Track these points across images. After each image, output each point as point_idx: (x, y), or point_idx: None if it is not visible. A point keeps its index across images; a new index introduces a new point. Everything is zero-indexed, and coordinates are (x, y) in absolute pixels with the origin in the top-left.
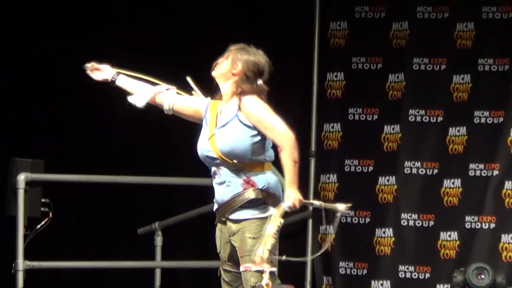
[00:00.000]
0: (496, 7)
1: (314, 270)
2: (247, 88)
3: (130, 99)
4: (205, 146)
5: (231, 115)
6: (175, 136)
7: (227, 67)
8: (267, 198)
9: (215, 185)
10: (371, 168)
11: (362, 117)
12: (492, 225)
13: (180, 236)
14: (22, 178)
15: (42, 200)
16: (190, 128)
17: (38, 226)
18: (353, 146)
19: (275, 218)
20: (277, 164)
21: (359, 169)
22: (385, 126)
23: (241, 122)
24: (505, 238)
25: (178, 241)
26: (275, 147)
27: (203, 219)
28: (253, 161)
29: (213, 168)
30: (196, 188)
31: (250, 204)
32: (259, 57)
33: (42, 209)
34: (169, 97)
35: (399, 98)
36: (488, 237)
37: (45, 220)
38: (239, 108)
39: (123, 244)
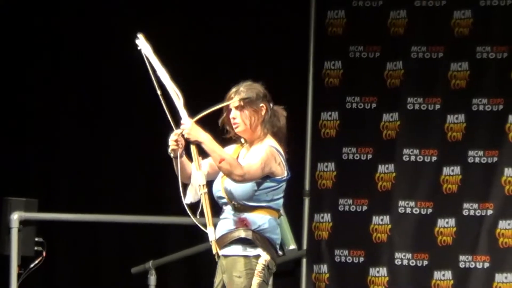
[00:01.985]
0: (490, 47)
1: None
2: (268, 123)
3: (185, 201)
4: (217, 186)
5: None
6: (169, 175)
7: (249, 120)
8: (257, 241)
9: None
10: (365, 208)
11: (357, 156)
12: (486, 265)
13: (174, 275)
14: (15, 217)
15: (36, 239)
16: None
17: (32, 265)
18: (347, 185)
19: (258, 271)
20: (293, 212)
21: (353, 208)
22: (379, 166)
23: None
24: (499, 277)
25: (172, 281)
26: (288, 194)
27: (197, 259)
28: (254, 206)
29: (222, 206)
30: (190, 227)
31: (240, 242)
32: (257, 86)
33: (35, 248)
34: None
35: (393, 138)
36: (482, 276)
37: (39, 259)
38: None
39: (117, 283)
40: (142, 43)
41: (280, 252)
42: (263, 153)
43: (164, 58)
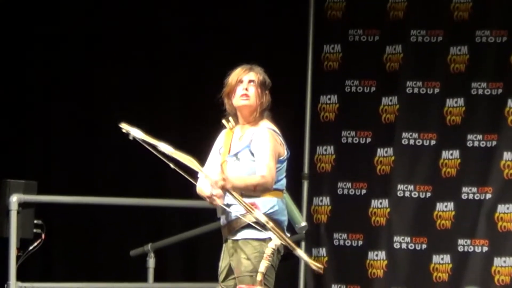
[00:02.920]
0: (489, 31)
1: None
2: (267, 110)
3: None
4: (218, 171)
5: (244, 144)
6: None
7: (260, 99)
8: (270, 223)
9: (223, 206)
10: (364, 191)
11: (356, 140)
12: (485, 249)
13: (172, 258)
14: (14, 199)
15: (35, 221)
16: (185, 150)
17: (31, 248)
18: (346, 169)
19: (267, 254)
20: (292, 195)
21: (352, 191)
22: (378, 149)
23: (251, 153)
24: (497, 261)
25: (170, 263)
26: (287, 176)
27: (196, 241)
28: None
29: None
30: (189, 210)
31: (251, 226)
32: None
33: (34, 230)
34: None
35: (393, 121)
36: (481, 260)
37: (38, 242)
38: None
39: (115, 266)
40: (129, 129)
41: (288, 234)
42: (268, 143)
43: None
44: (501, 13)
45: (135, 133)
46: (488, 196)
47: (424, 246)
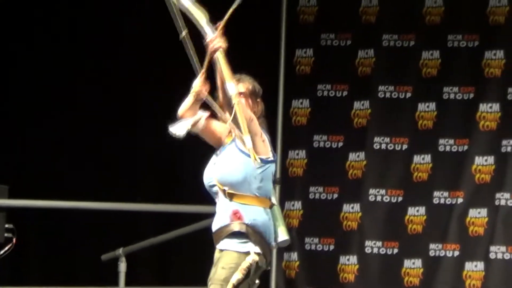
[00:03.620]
0: (461, 36)
1: None
2: (259, 116)
3: (171, 129)
4: (208, 174)
5: (230, 140)
6: (142, 161)
7: (250, 109)
8: (251, 234)
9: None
10: (335, 196)
11: (327, 144)
12: (456, 253)
13: (143, 262)
14: None
15: (6, 225)
16: (158, 153)
17: (2, 252)
18: (318, 173)
19: (241, 268)
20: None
21: (323, 196)
22: (350, 154)
23: (237, 147)
24: (469, 266)
25: (141, 268)
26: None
27: (167, 246)
28: (244, 191)
29: (215, 197)
30: (160, 214)
31: (233, 236)
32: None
33: (5, 234)
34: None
35: (364, 126)
36: (452, 264)
37: (9, 246)
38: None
39: (87, 270)
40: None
41: (273, 244)
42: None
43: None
44: (472, 18)
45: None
46: (460, 200)
47: (395, 250)
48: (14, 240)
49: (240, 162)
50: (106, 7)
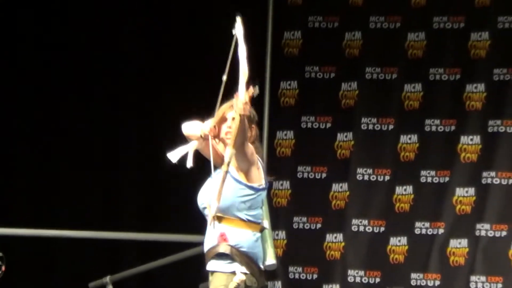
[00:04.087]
0: (443, 69)
1: None
2: (253, 144)
3: (168, 154)
4: (201, 196)
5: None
6: (126, 190)
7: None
8: (236, 256)
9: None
10: (319, 225)
11: (311, 175)
12: (437, 282)
13: None
14: None
15: None
16: (141, 181)
17: None
18: (303, 204)
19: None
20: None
21: (307, 226)
22: (333, 184)
23: (230, 173)
24: None
25: None
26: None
27: (152, 274)
28: (234, 216)
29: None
30: (146, 243)
31: (219, 258)
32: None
33: None
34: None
35: (348, 157)
36: None
37: None
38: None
39: None
40: (239, 26)
41: (262, 266)
42: (248, 149)
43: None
44: (454, 52)
45: (239, 32)
46: (441, 231)
47: (378, 280)
48: (3, 268)
49: (230, 188)
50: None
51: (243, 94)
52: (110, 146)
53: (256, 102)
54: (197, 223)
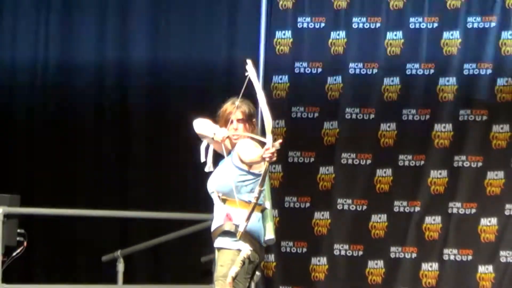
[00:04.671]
0: (419, 64)
1: None
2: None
3: (202, 160)
4: (209, 182)
5: (228, 155)
6: (135, 173)
7: (246, 132)
8: (240, 234)
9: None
10: (308, 205)
11: (301, 159)
12: (414, 255)
13: (139, 263)
14: (0, 211)
15: (18, 230)
16: (150, 164)
17: (14, 254)
18: (292, 185)
19: (237, 262)
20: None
21: (297, 205)
22: (321, 168)
23: (232, 161)
24: (425, 266)
25: (138, 268)
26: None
27: (160, 248)
28: (237, 198)
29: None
30: (154, 220)
31: (225, 235)
32: (249, 103)
33: (18, 238)
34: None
35: (333, 143)
36: (410, 265)
37: (20, 249)
38: (234, 149)
39: (89, 269)
40: (250, 69)
41: (263, 243)
42: (251, 142)
43: None
44: (428, 49)
45: (252, 74)
46: (417, 209)
47: (360, 253)
48: (25, 243)
49: (232, 174)
50: None
51: (271, 143)
52: (122, 129)
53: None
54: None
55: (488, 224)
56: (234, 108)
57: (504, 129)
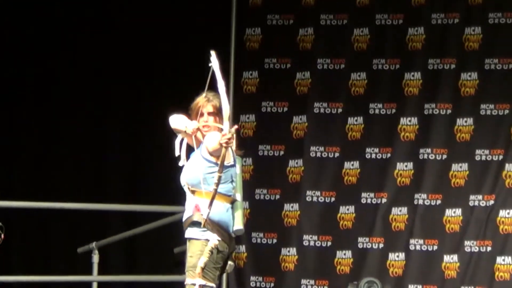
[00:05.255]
0: (385, 60)
1: (229, 284)
2: None
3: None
4: (181, 175)
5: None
6: (109, 166)
7: (216, 123)
8: (208, 224)
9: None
10: (277, 197)
11: (270, 152)
12: (381, 245)
13: (114, 254)
14: None
15: None
16: (125, 159)
17: None
18: (263, 178)
19: (205, 252)
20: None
21: (267, 197)
22: (290, 161)
23: (201, 154)
24: (391, 256)
25: (112, 259)
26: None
27: (134, 240)
28: (205, 190)
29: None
30: (128, 213)
31: (194, 226)
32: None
33: None
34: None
35: (302, 137)
36: (377, 255)
37: None
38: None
39: (65, 261)
40: (214, 59)
41: (232, 233)
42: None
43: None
44: (394, 44)
45: (215, 65)
46: (384, 200)
47: (329, 243)
48: (2, 236)
49: (200, 166)
50: None
51: (227, 129)
52: (97, 121)
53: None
54: (172, 195)
55: (453, 215)
56: (205, 101)
57: (468, 122)
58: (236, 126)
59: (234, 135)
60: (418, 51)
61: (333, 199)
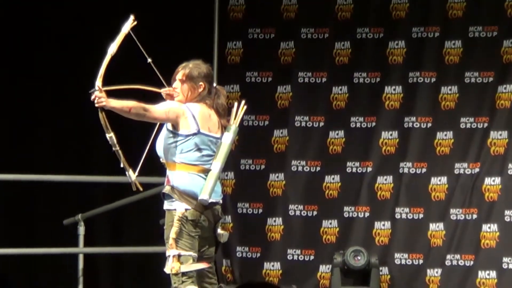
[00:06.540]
0: (368, 28)
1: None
2: (207, 98)
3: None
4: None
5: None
6: (97, 138)
7: (186, 93)
8: (175, 195)
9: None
10: (263, 167)
11: (255, 123)
12: (367, 214)
13: (99, 226)
14: None
15: None
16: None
17: None
18: (248, 148)
19: (174, 222)
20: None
21: (253, 167)
22: (275, 131)
23: (166, 125)
24: (377, 225)
25: (98, 231)
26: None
27: (119, 212)
28: (170, 160)
29: None
30: (113, 184)
31: (165, 197)
32: (203, 67)
33: None
34: None
35: (287, 107)
36: (363, 224)
37: None
38: None
39: (50, 234)
40: (127, 25)
41: (208, 201)
42: (174, 103)
43: None
44: (378, 13)
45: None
46: (369, 169)
47: (315, 213)
48: None
49: (164, 137)
50: None
51: (97, 86)
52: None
53: (206, 59)
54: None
55: (438, 183)
56: (180, 68)
57: (453, 90)
58: (99, 84)
59: (102, 92)
60: (402, 19)
61: (318, 168)
